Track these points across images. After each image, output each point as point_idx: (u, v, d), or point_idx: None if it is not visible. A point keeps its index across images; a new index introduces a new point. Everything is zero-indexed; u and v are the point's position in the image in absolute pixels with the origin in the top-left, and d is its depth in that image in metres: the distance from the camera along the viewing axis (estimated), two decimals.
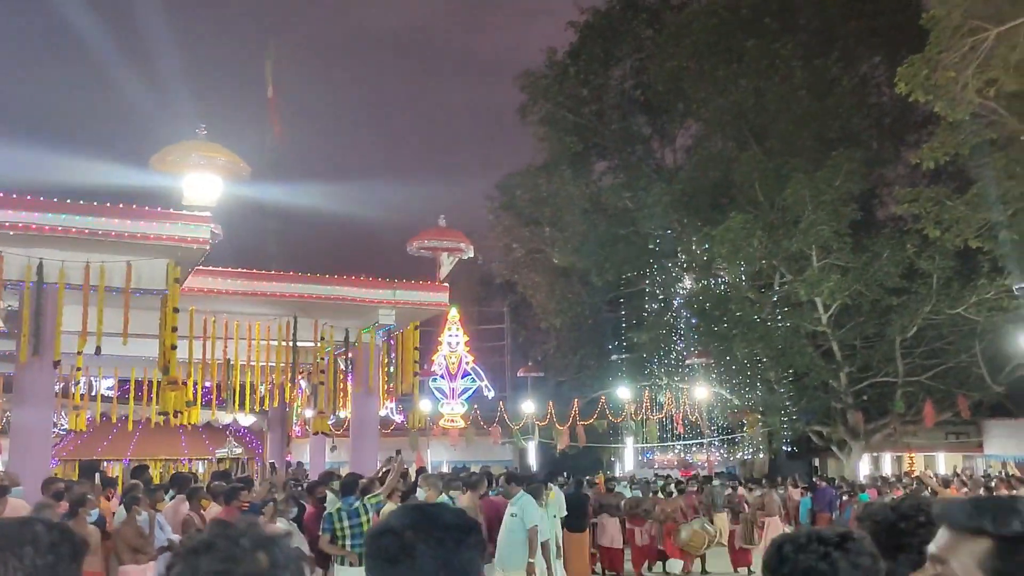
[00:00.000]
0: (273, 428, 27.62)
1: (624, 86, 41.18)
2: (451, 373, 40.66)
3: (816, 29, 34.01)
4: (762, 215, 29.21)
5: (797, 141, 31.20)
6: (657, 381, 36.69)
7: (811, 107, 31.40)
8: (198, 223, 13.57)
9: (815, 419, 32.44)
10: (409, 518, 2.13)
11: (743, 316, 29.94)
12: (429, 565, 2.04)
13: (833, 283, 27.03)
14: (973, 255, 25.79)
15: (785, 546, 2.47)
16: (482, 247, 36.05)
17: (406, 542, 2.06)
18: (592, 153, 40.74)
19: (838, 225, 27.45)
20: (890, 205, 32.11)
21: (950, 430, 33.01)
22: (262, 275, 18.26)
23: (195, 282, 16.11)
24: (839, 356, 30.19)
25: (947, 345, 28.97)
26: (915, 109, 31.75)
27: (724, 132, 34.96)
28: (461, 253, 22.70)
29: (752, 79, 32.74)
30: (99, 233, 12.70)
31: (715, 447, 38.02)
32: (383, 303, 18.84)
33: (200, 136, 14.60)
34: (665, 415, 36.38)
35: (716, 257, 29.94)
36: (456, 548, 2.07)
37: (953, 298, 26.81)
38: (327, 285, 18.36)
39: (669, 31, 36.12)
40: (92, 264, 13.21)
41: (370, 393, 19.97)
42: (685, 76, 35.08)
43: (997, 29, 17.68)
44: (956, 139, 21.11)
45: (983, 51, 18.26)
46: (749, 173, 30.20)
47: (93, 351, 13.21)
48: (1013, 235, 22.50)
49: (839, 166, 27.31)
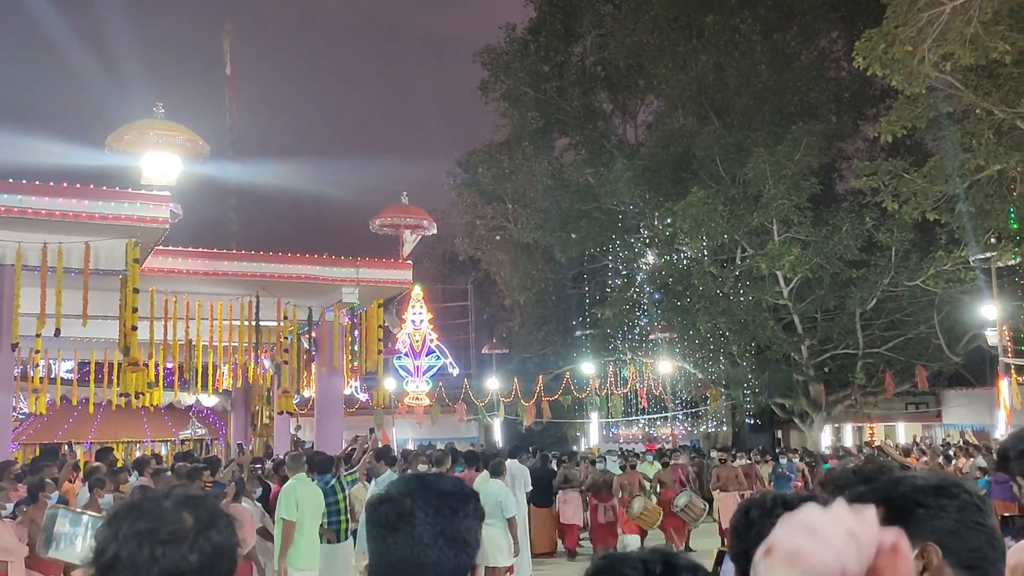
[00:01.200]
0: (237, 408, 27.53)
1: (585, 62, 41.12)
2: (415, 351, 40.59)
3: (775, 4, 34.05)
4: (723, 190, 29.36)
5: (757, 116, 31.36)
6: (621, 356, 36.79)
7: (771, 82, 31.51)
8: (157, 203, 13.51)
9: (777, 391, 32.68)
10: (407, 486, 2.17)
11: (705, 290, 30.06)
12: (427, 532, 2.07)
13: (794, 257, 27.17)
14: (931, 228, 26.04)
15: (752, 511, 2.53)
16: (445, 224, 36.04)
17: (404, 509, 2.09)
18: (554, 129, 40.67)
19: (798, 199, 27.61)
20: (849, 179, 32.26)
21: (909, 400, 33.42)
22: (223, 254, 18.23)
23: (155, 262, 16.03)
24: (800, 329, 30.46)
25: (906, 317, 29.31)
26: (873, 83, 32.02)
27: (685, 107, 35.02)
28: (424, 231, 22.70)
29: (712, 54, 32.78)
30: (56, 214, 12.61)
31: (679, 421, 38.27)
32: (346, 281, 18.83)
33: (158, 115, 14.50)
34: (629, 390, 36.51)
35: (678, 232, 30.00)
36: (453, 516, 2.11)
37: (911, 270, 27.04)
38: (289, 264, 18.31)
39: (629, 6, 36.07)
40: (50, 245, 13.12)
41: (334, 372, 19.97)
42: (646, 52, 35.08)
43: (952, 3, 17.77)
44: (913, 112, 21.23)
45: (939, 25, 18.38)
46: (710, 148, 30.30)
47: (52, 333, 13.11)
48: (970, 207, 22.71)
49: (799, 140, 27.44)
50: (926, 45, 18.65)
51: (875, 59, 19.37)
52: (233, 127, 25.84)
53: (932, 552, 1.90)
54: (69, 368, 25.90)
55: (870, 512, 1.56)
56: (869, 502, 2.02)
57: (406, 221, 22.85)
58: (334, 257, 18.85)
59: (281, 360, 20.38)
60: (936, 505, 1.93)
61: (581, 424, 40.74)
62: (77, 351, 22.90)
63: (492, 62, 39.17)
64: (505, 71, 39.14)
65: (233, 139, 26.02)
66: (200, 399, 27.21)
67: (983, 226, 23.76)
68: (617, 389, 36.49)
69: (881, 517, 1.96)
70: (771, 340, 29.98)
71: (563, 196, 36.67)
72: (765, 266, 28.01)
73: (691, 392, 35.73)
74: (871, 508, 1.46)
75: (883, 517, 1.96)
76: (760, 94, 31.48)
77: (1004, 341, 25.49)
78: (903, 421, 35.07)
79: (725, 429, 37.12)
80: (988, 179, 22.25)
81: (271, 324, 19.64)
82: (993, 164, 21.12)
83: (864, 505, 2.02)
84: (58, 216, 12.60)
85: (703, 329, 30.71)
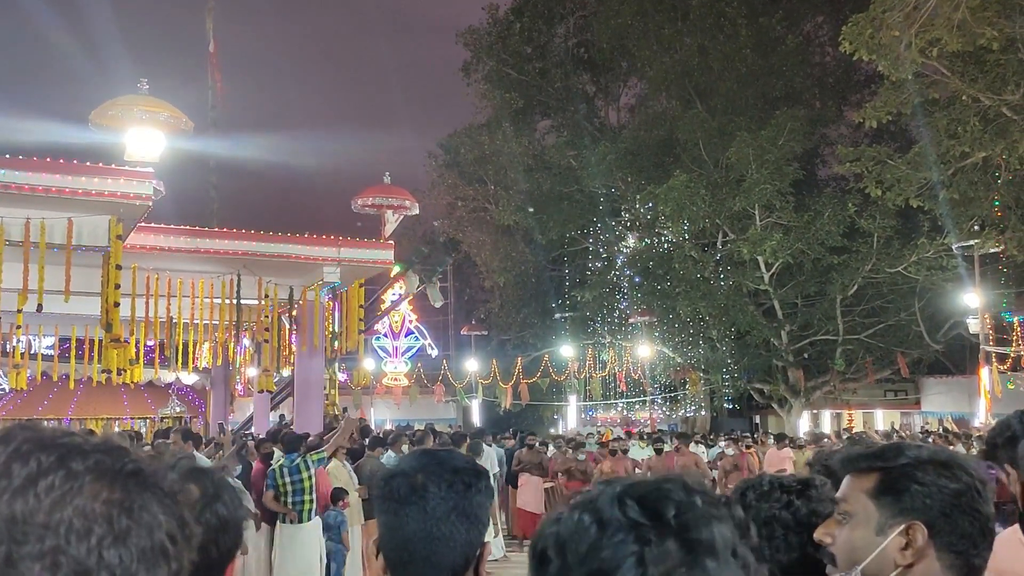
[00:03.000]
0: (216, 387, 27.40)
1: (568, 44, 40.98)
2: (394, 332, 40.61)
3: None
4: (706, 174, 29.33)
5: (741, 100, 31.30)
6: (600, 339, 36.86)
7: (755, 66, 31.48)
8: (140, 179, 13.39)
9: (757, 377, 32.81)
10: (419, 461, 2.15)
11: (686, 275, 30.07)
12: (440, 508, 2.06)
13: (775, 242, 27.17)
14: (914, 214, 26.14)
15: (748, 493, 2.49)
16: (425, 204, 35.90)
17: (417, 484, 2.08)
18: (535, 111, 40.55)
19: (781, 184, 27.60)
20: (832, 165, 32.37)
21: (888, 387, 33.60)
22: (206, 232, 18.11)
23: (137, 239, 15.92)
24: (780, 314, 30.51)
25: (886, 304, 29.38)
26: (857, 69, 32.06)
27: (668, 90, 34.91)
28: (406, 211, 22.65)
29: (697, 37, 32.74)
30: (40, 189, 12.49)
31: (657, 405, 38.35)
32: (328, 260, 18.80)
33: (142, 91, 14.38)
34: (608, 373, 36.57)
35: (660, 216, 30.01)
36: (466, 492, 2.09)
37: (893, 257, 27.12)
38: (271, 242, 18.24)
39: None
40: (32, 220, 12.97)
41: (315, 352, 19.91)
42: (629, 34, 34.94)
43: None
44: (899, 98, 21.24)
45: (926, 10, 18.38)
46: (693, 132, 30.25)
47: (35, 309, 12.99)
48: (953, 194, 22.74)
49: (782, 125, 27.45)
50: (913, 30, 18.66)
51: (862, 44, 19.39)
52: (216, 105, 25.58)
53: (918, 531, 1.89)
54: (50, 344, 25.71)
55: None
56: (864, 469, 2.02)
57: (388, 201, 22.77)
58: (316, 236, 18.80)
59: (262, 339, 20.29)
60: (934, 484, 1.90)
61: (559, 407, 40.79)
62: (58, 327, 22.73)
63: (474, 43, 39.01)
64: (487, 52, 38.98)
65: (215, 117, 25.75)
66: (180, 377, 27.09)
67: (967, 213, 23.77)
68: (596, 372, 36.53)
69: (872, 485, 1.97)
70: (751, 325, 30.00)
71: (544, 178, 36.61)
72: (746, 251, 28.02)
73: (670, 376, 35.80)
74: None
75: (875, 486, 1.97)
76: (744, 78, 31.46)
77: (986, 329, 25.60)
78: (881, 408, 35.22)
79: (704, 414, 37.23)
80: (973, 166, 22.31)
81: (252, 303, 19.57)
82: (978, 151, 21.18)
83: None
84: (41, 191, 12.47)
85: (683, 313, 30.75)
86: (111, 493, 1.02)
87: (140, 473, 1.06)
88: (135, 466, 1.07)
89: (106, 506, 1.01)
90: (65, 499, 1.00)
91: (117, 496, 1.02)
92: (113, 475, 1.04)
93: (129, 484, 1.04)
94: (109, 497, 1.02)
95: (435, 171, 41.28)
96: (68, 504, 1.00)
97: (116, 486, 1.03)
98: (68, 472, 1.02)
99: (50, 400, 28.33)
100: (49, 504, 0.99)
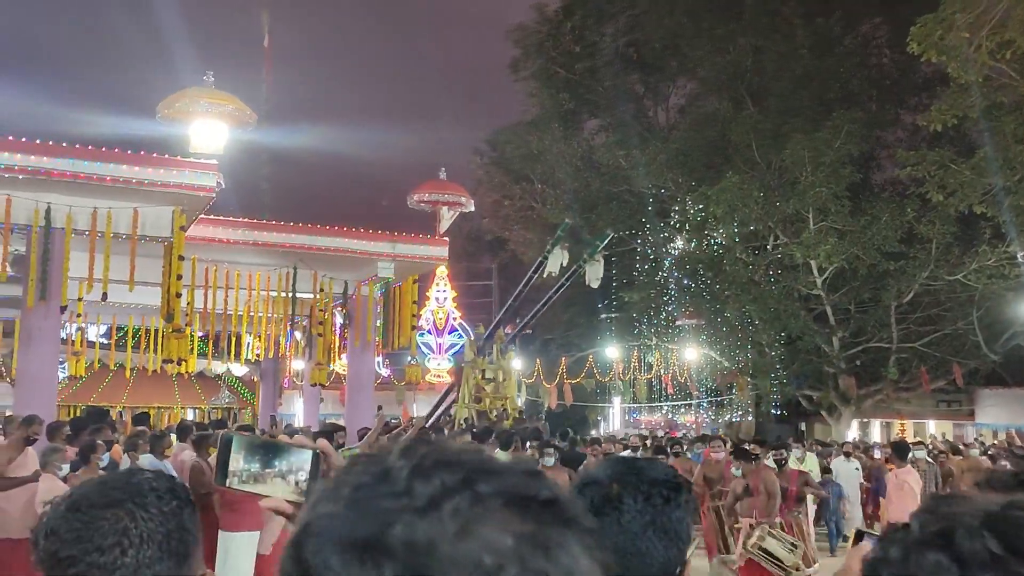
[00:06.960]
0: (265, 379, 27.41)
1: (617, 43, 40.74)
2: (438, 329, 40.59)
3: None
4: (759, 175, 28.95)
5: (796, 101, 30.82)
6: (646, 341, 36.58)
7: (811, 67, 31.09)
8: (204, 171, 13.40)
9: (806, 383, 32.37)
10: (614, 470, 2.03)
11: (736, 277, 29.69)
12: (636, 522, 1.92)
13: (830, 246, 26.75)
14: (975, 221, 25.57)
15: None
16: None
17: (612, 494, 1.95)
18: (584, 111, 40.38)
19: (837, 187, 27.13)
20: (888, 168, 31.90)
21: (941, 398, 32.97)
22: (264, 225, 18.12)
23: (197, 231, 15.93)
24: (832, 320, 30.05)
25: (943, 312, 28.73)
26: (916, 71, 31.52)
27: (720, 91, 34.64)
28: (462, 207, 22.56)
29: (751, 37, 32.39)
30: (107, 179, 12.52)
31: (702, 409, 38.04)
32: (383, 256, 18.79)
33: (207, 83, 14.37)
34: (653, 375, 36.31)
35: (711, 217, 29.65)
36: (665, 506, 1.95)
37: (952, 264, 26.57)
38: (328, 236, 18.27)
39: None
40: (99, 210, 12.97)
41: (367, 347, 19.88)
42: (682, 33, 34.71)
43: None
44: (966, 101, 20.85)
45: (999, 12, 18.03)
46: (746, 133, 29.86)
47: (100, 297, 12.99)
48: (1019, 201, 22.29)
49: (839, 127, 26.99)
50: (984, 32, 18.31)
51: (930, 45, 19.03)
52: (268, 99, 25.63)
53: None
54: (103, 332, 25.79)
55: None
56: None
57: (444, 197, 22.69)
58: (372, 231, 18.74)
59: (316, 332, 20.24)
60: None
61: (603, 408, 40.57)
62: (116, 316, 22.81)
63: (524, 40, 38.91)
64: (537, 50, 38.88)
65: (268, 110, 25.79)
66: (231, 368, 27.11)
67: None
68: (641, 374, 36.29)
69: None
70: (802, 330, 29.58)
71: (593, 178, 36.42)
72: (799, 255, 27.64)
73: (716, 380, 35.46)
74: None
75: None
76: (800, 79, 31.04)
77: None
78: (934, 419, 34.54)
79: (749, 419, 36.86)
80: None
81: (307, 296, 19.55)
82: None
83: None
84: (109, 181, 12.50)
85: (731, 316, 30.43)
86: (523, 525, 0.83)
87: (556, 503, 0.87)
88: (550, 493, 0.88)
89: (518, 541, 0.82)
90: (470, 527, 0.82)
91: (530, 529, 0.84)
92: (525, 502, 0.86)
93: (544, 516, 0.85)
94: (521, 530, 0.83)
95: (481, 168, 41.20)
96: (474, 534, 0.82)
97: (528, 517, 0.84)
98: (474, 495, 0.84)
99: (104, 388, 28.48)
100: (454, 532, 0.81)
